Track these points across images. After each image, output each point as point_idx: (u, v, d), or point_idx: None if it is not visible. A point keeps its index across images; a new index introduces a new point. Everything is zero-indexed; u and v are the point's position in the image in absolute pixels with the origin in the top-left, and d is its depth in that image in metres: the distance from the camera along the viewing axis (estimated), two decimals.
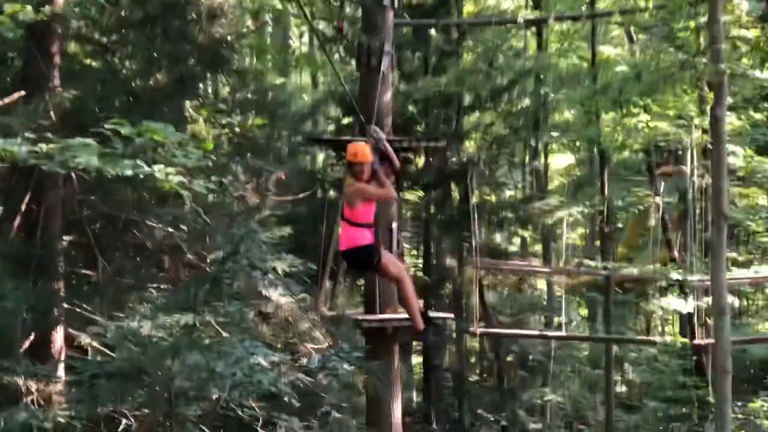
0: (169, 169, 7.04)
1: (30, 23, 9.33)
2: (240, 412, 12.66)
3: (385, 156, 10.00)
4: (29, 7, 8.29)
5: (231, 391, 11.20)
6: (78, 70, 15.52)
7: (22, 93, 13.12)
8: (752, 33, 16.62)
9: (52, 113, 12.68)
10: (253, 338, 11.95)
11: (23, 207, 13.42)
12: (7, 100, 12.96)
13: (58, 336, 13.45)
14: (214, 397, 11.38)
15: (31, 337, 13.12)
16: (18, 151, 6.77)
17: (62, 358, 13.34)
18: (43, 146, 6.89)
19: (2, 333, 12.09)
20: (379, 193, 9.87)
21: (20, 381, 11.91)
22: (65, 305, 13.65)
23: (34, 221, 13.36)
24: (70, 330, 13.58)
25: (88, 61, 16.72)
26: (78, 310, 13.91)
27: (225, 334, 12.09)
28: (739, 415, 21.03)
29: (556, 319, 27.44)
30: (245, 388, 11.40)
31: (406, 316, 19.18)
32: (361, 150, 9.76)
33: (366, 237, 9.78)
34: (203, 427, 12.23)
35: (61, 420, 10.90)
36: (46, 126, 12.16)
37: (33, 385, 12.03)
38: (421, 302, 11.58)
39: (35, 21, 8.84)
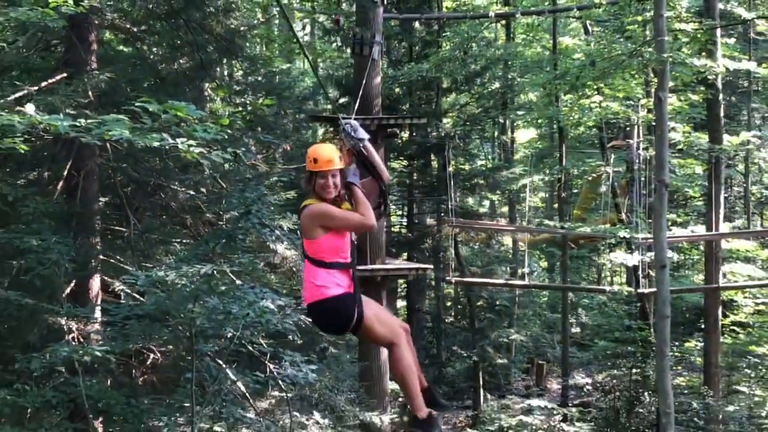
0: (191, 142, 7.00)
1: (71, 15, 9.25)
2: (251, 348, 12.70)
3: (367, 164, 6.17)
4: (70, 0, 8.23)
5: (243, 330, 11.23)
6: (112, 55, 15.46)
7: (64, 75, 13.07)
8: (691, 26, 16.58)
9: (89, 93, 12.60)
10: (262, 285, 11.97)
11: (65, 173, 13.39)
12: (51, 81, 12.91)
13: (95, 283, 13.46)
14: (229, 335, 11.41)
15: (72, 284, 13.11)
16: (61, 125, 6.73)
17: (99, 302, 13.36)
18: (82, 121, 6.84)
19: (47, 281, 12.08)
20: (350, 220, 5.93)
21: (63, 321, 11.94)
22: (101, 257, 13.66)
23: (74, 185, 13.33)
24: (106, 278, 13.59)
25: (120, 47, 16.66)
26: (112, 261, 13.93)
27: (238, 282, 12.10)
28: (676, 354, 21.15)
29: (519, 270, 27.50)
30: (255, 327, 11.43)
31: (392, 266, 19.34)
32: (325, 154, 5.91)
33: (335, 285, 5.88)
34: (219, 361, 12.26)
35: (98, 354, 10.90)
36: (85, 104, 12.13)
37: (74, 325, 12.05)
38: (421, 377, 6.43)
39: (75, 13, 8.76)
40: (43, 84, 12.79)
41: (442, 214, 25.72)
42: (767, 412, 19.88)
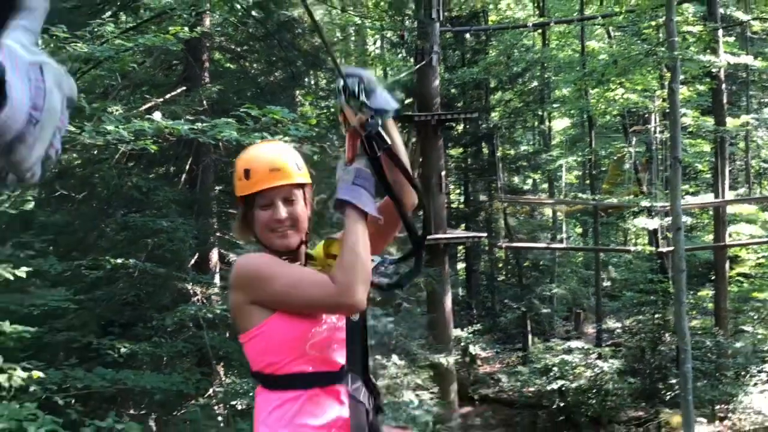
0: (286, 138, 7.07)
1: (187, 39, 9.38)
2: None
3: (389, 165, 2.43)
4: (186, 28, 8.34)
5: None
6: (221, 71, 15.61)
7: (183, 88, 13.27)
8: (697, 29, 16.27)
9: (204, 102, 12.77)
10: None
11: (187, 167, 13.59)
12: (173, 93, 13.11)
13: (214, 255, 13.66)
14: None
15: (196, 256, 13.33)
16: (182, 129, 6.85)
17: (217, 270, 13.56)
18: (199, 125, 6.95)
19: (176, 254, 12.31)
20: (303, 288, 2.14)
21: (189, 286, 12.15)
22: (218, 234, 13.85)
23: (194, 177, 13.52)
24: (222, 251, 13.79)
25: (228, 64, 16.81)
26: (227, 237, 14.13)
27: None
28: (691, 301, 20.81)
29: (558, 236, 27.24)
30: None
31: (453, 235, 19.32)
32: (264, 159, 2.34)
33: (299, 428, 2.11)
34: None
35: (218, 312, 11.09)
36: (201, 111, 12.28)
37: (198, 289, 12.26)
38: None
39: (190, 37, 8.87)
40: (167, 96, 13.00)
41: (493, 191, 25.63)
42: None
